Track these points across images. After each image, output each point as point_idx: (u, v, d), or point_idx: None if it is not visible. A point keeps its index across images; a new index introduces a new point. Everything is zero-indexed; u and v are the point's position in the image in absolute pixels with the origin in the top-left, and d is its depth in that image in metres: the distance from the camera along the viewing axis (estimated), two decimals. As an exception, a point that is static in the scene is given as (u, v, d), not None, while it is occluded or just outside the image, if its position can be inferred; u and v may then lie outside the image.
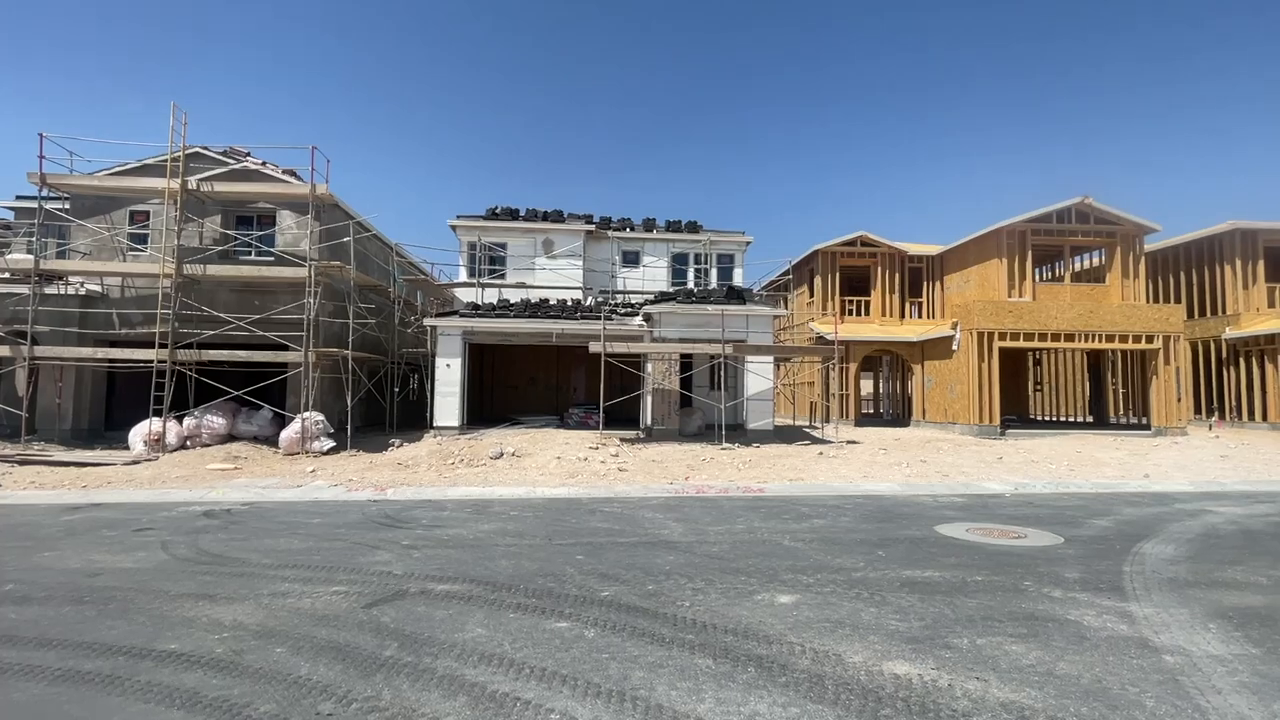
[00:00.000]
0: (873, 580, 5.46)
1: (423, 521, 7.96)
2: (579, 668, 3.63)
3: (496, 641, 4.01)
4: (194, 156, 15.76)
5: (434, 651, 3.84)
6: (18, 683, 3.44)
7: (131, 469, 12.20)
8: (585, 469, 12.31)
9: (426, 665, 3.65)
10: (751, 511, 8.72)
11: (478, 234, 21.12)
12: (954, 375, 20.30)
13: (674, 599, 4.90)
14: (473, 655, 3.79)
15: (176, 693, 3.30)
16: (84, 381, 15.84)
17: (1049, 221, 21.13)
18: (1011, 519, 8.38)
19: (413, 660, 3.71)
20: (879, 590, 5.18)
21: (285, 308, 15.11)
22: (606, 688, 3.39)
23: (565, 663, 3.70)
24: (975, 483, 11.69)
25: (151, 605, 4.68)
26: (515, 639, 4.06)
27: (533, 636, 4.11)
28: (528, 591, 5.04)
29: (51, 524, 7.80)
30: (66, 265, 15.31)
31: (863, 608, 4.75)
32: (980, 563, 6.08)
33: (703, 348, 16.50)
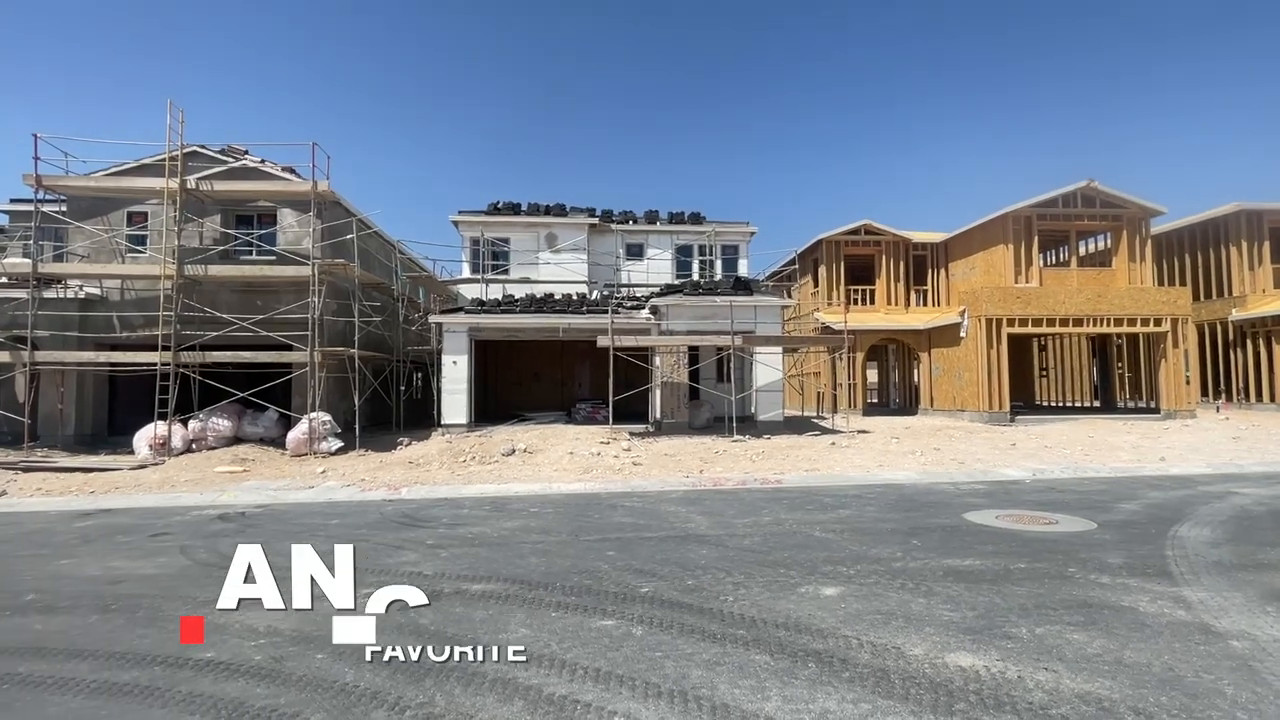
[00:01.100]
0: (915, 570, 5.35)
1: (443, 520, 7.83)
2: (634, 667, 3.51)
3: (543, 642, 3.88)
4: (192, 155, 15.49)
5: (479, 654, 3.71)
6: (53, 696, 3.30)
7: (139, 473, 12.02)
8: (599, 464, 12.18)
9: (475, 668, 3.52)
10: (774, 503, 8.61)
11: (480, 229, 20.91)
12: (962, 362, 20.22)
13: (716, 593, 4.78)
14: (516, 662, 3.65)
15: (222, 703, 3.16)
16: (85, 386, 15.62)
17: (1054, 206, 21.01)
18: (1038, 505, 8.29)
19: (459, 663, 3.58)
20: (923, 580, 5.07)
21: (288, 307, 14.90)
22: (666, 687, 3.27)
23: (618, 662, 3.57)
24: (993, 470, 11.61)
25: (181, 612, 4.54)
26: (561, 639, 3.93)
27: (579, 636, 3.98)
28: (565, 589, 4.92)
29: (65, 531, 7.64)
30: (65, 268, 15.07)
31: (910, 598, 4.63)
32: (1019, 550, 5.98)
33: (711, 340, 16.37)
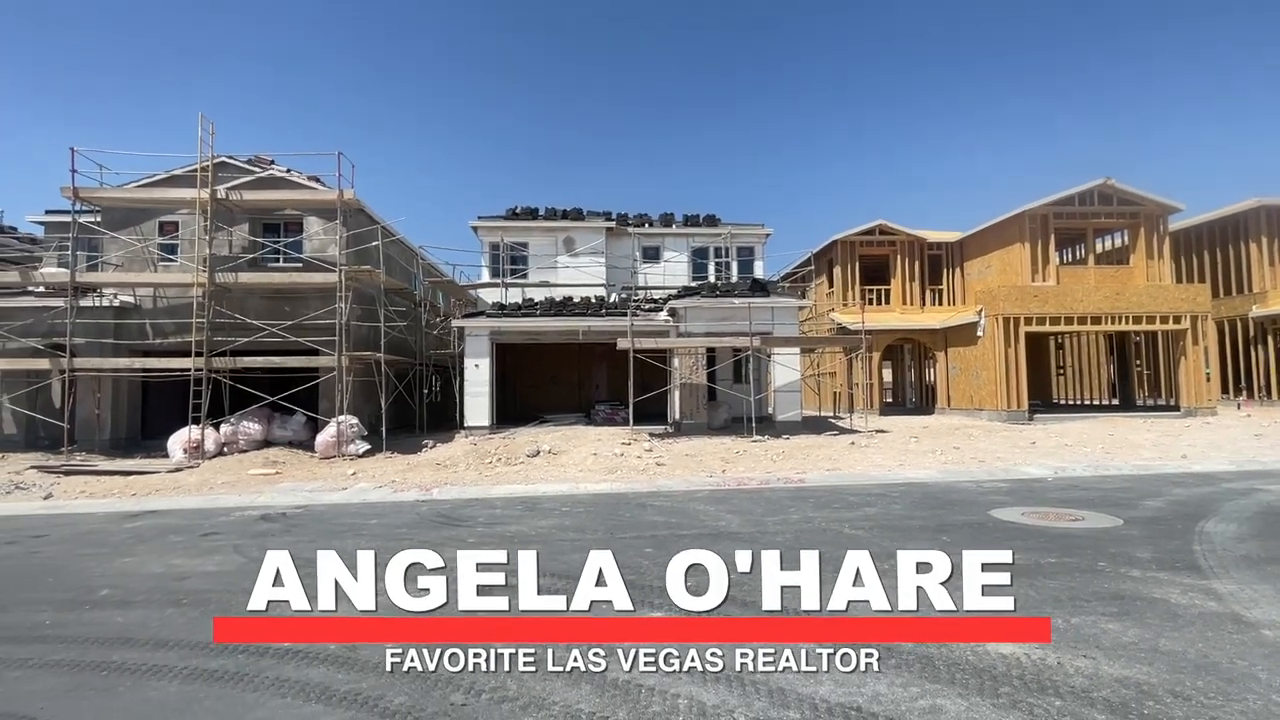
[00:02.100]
0: (946, 565, 5.49)
1: (480, 520, 8.06)
2: (689, 656, 3.69)
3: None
4: (221, 166, 15.89)
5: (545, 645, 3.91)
6: (151, 681, 3.54)
7: (176, 476, 12.37)
8: (623, 464, 12.39)
9: (539, 656, 3.72)
10: (800, 502, 8.77)
11: (499, 234, 21.22)
12: (979, 361, 20.24)
13: (758, 587, 4.95)
14: (610, 657, 3.85)
15: (308, 687, 3.39)
16: (120, 391, 16.06)
17: (1071, 204, 20.99)
18: (1062, 502, 8.40)
19: (528, 653, 3.79)
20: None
21: (315, 313, 15.23)
22: (724, 675, 3.46)
23: (673, 651, 3.76)
24: (1014, 468, 11.69)
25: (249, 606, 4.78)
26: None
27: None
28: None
29: (117, 531, 7.95)
30: (101, 277, 15.51)
31: (946, 591, 4.78)
32: (1047, 545, 6.11)
33: (729, 341, 16.54)
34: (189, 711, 3.19)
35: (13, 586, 5.58)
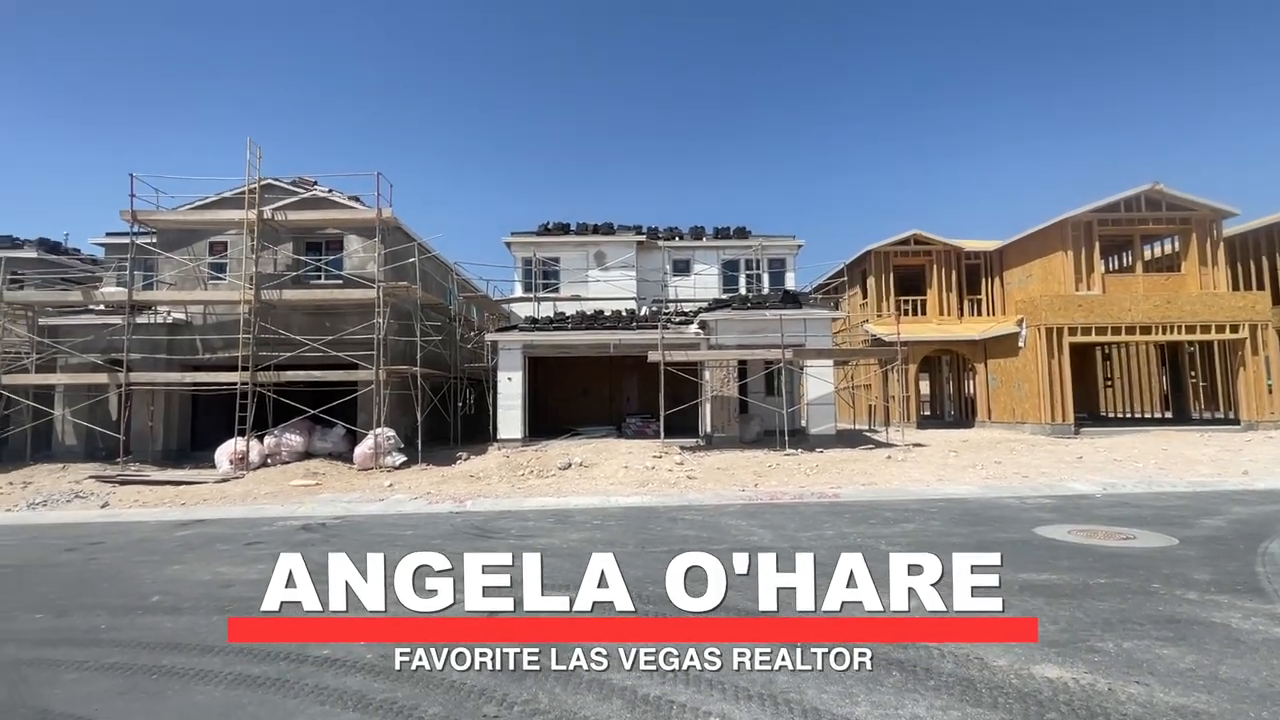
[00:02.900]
0: (988, 584, 5.32)
1: (512, 532, 8.13)
2: (722, 672, 3.65)
3: (630, 647, 4.06)
4: (267, 188, 16.55)
5: (571, 658, 3.92)
6: (198, 685, 3.67)
7: (223, 486, 12.82)
8: (654, 477, 12.36)
9: (570, 672, 3.73)
10: (834, 517, 8.61)
11: (532, 249, 21.56)
12: (1021, 373, 19.64)
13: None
14: (613, 660, 3.85)
15: (345, 695, 3.46)
16: (172, 404, 16.75)
17: (1116, 210, 20.30)
18: (1112, 520, 8.06)
19: (557, 665, 3.80)
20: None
21: (354, 328, 15.67)
22: (756, 691, 3.42)
23: (705, 667, 3.73)
24: (1060, 483, 11.28)
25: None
26: (645, 645, 4.11)
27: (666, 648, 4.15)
28: (643, 598, 5.08)
29: (168, 539, 8.26)
30: (155, 296, 16.27)
31: (988, 611, 4.63)
32: (1096, 565, 5.87)
33: (761, 353, 16.41)
34: (232, 716, 3.29)
35: (73, 591, 5.85)
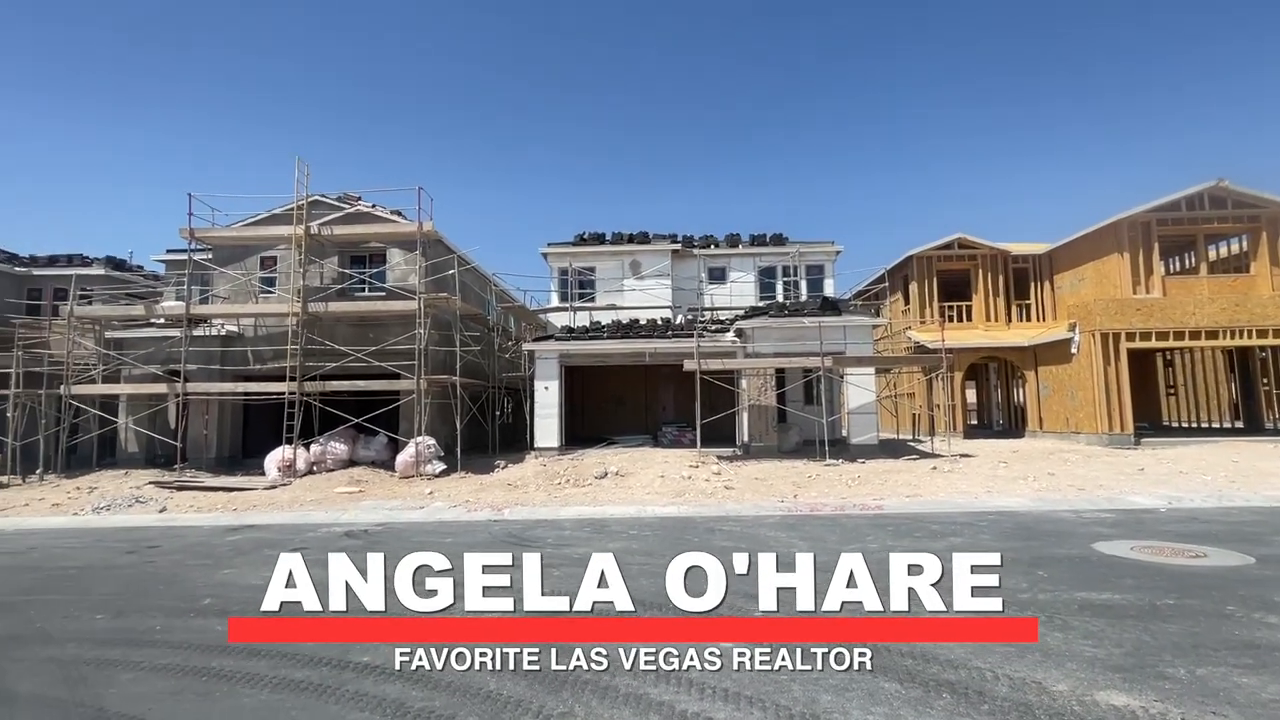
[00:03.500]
0: (1044, 602, 5.06)
1: (548, 541, 8.14)
2: (761, 689, 3.55)
3: (669, 660, 3.99)
4: (314, 204, 17.15)
5: (609, 669, 3.86)
6: (244, 689, 3.74)
7: (271, 493, 13.23)
8: (691, 487, 12.24)
9: (606, 682, 3.68)
10: (877, 530, 8.35)
11: (568, 260, 21.76)
12: (1074, 381, 18.80)
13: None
14: (649, 674, 3.78)
15: (384, 703, 3.48)
16: (225, 413, 17.42)
17: (1177, 209, 19.32)
18: (1179, 536, 7.59)
19: (591, 677, 3.75)
20: (1055, 613, 4.79)
21: (397, 339, 16.04)
22: (798, 710, 3.30)
23: (745, 683, 3.63)
24: (1119, 497, 10.71)
25: (332, 619, 5.00)
26: (684, 658, 4.02)
27: (703, 656, 4.06)
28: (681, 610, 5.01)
29: (220, 544, 8.55)
30: (210, 309, 17.00)
31: (1045, 632, 4.39)
32: (1163, 585, 5.51)
33: (799, 361, 16.14)
34: (276, 719, 3.34)
35: (131, 593, 6.09)
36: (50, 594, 6.15)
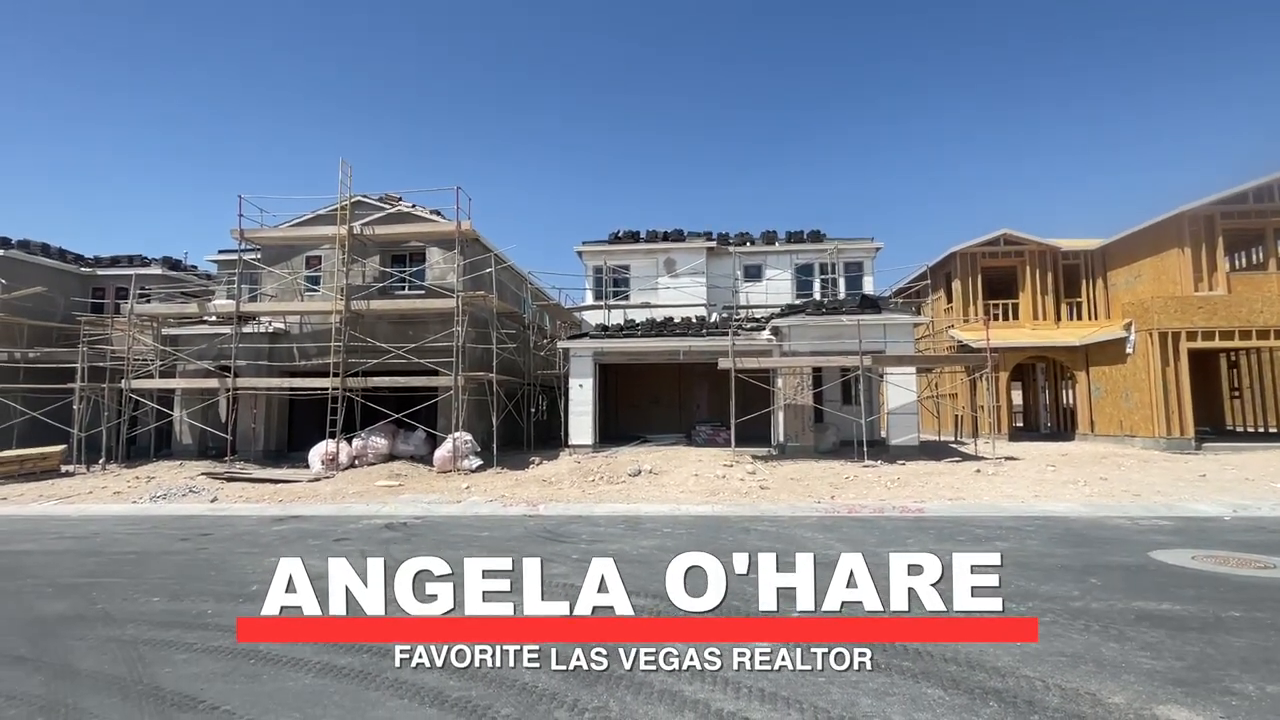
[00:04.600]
0: (1098, 611, 4.84)
1: (583, 537, 8.17)
2: (799, 690, 3.48)
3: (703, 657, 3.94)
4: (357, 204, 17.61)
5: (643, 665, 3.85)
6: (289, 673, 3.86)
7: (315, 485, 13.64)
8: (725, 487, 12.14)
9: (641, 679, 3.66)
10: (919, 533, 8.13)
11: (603, 258, 21.84)
12: (1129, 382, 17.99)
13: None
14: (684, 671, 3.75)
15: (423, 691, 3.54)
16: (272, 407, 18.04)
17: (1243, 202, 18.30)
18: (1245, 546, 7.17)
19: (626, 673, 3.74)
20: (1110, 623, 4.57)
21: (435, 336, 16.36)
22: (836, 713, 3.23)
23: (782, 684, 3.57)
24: (1179, 504, 10.19)
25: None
26: (720, 656, 3.98)
27: (737, 655, 4.01)
28: (716, 609, 4.96)
29: (267, 533, 8.85)
30: (259, 307, 17.61)
31: (1099, 641, 4.20)
32: (1229, 596, 5.22)
33: (837, 360, 15.84)
34: (319, 704, 3.43)
35: (185, 577, 6.35)
36: (111, 577, 6.45)
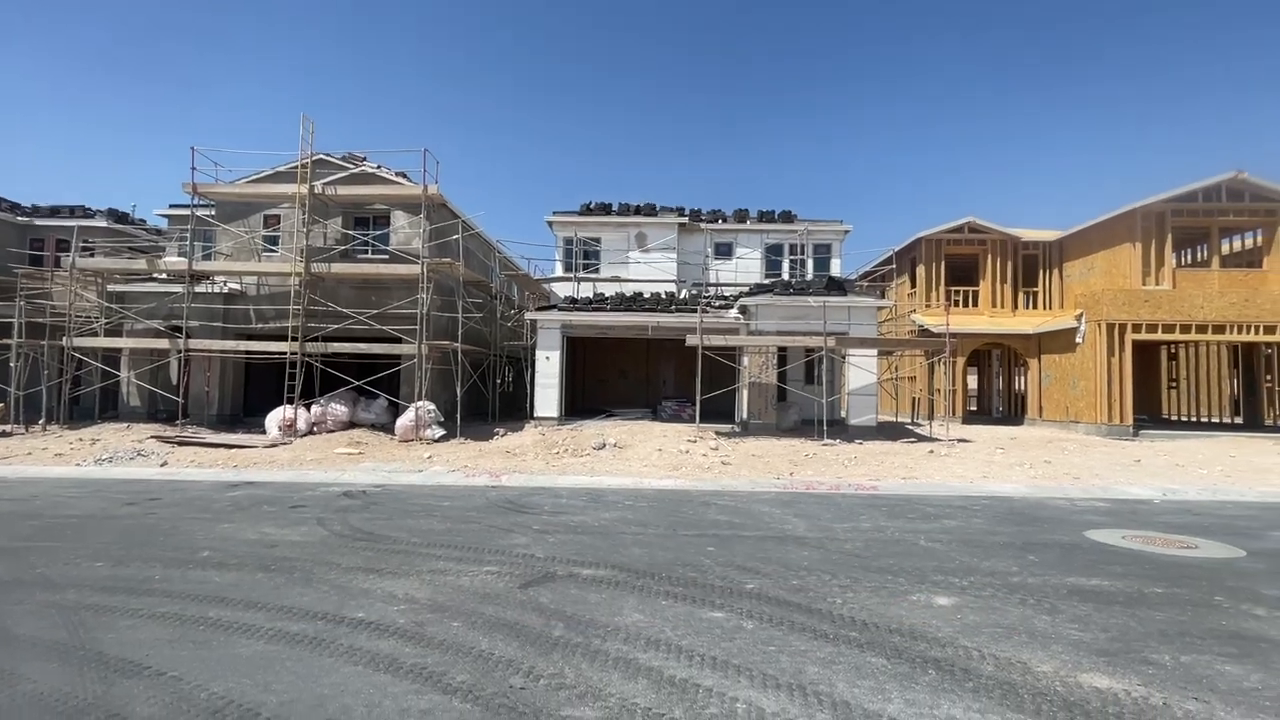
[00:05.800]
0: (1034, 586, 5.10)
1: (545, 508, 8.20)
2: (749, 659, 3.59)
3: (657, 628, 4.04)
4: (318, 163, 16.93)
5: (600, 634, 3.92)
6: (241, 639, 3.80)
7: (271, 451, 13.33)
8: (688, 461, 12.30)
9: (597, 646, 3.73)
10: (872, 509, 8.40)
11: (573, 229, 21.56)
12: (1077, 370, 18.75)
13: (823, 595, 4.77)
14: (638, 640, 3.84)
15: (378, 658, 3.53)
16: (227, 371, 17.47)
17: (1193, 201, 19.03)
18: (1172, 527, 7.62)
19: (582, 641, 3.80)
20: (1044, 597, 4.83)
21: (399, 303, 16.00)
22: (785, 680, 3.34)
23: (733, 653, 3.67)
24: (1114, 487, 10.74)
25: (329, 576, 5.07)
26: (675, 626, 4.08)
27: (691, 625, 4.11)
28: (672, 580, 5.07)
29: (220, 499, 8.63)
30: (213, 266, 16.90)
31: (1032, 614, 4.44)
32: (1152, 573, 5.55)
33: (802, 340, 16.08)
34: (271, 670, 3.39)
35: (131, 543, 6.16)
36: (51, 541, 6.23)
